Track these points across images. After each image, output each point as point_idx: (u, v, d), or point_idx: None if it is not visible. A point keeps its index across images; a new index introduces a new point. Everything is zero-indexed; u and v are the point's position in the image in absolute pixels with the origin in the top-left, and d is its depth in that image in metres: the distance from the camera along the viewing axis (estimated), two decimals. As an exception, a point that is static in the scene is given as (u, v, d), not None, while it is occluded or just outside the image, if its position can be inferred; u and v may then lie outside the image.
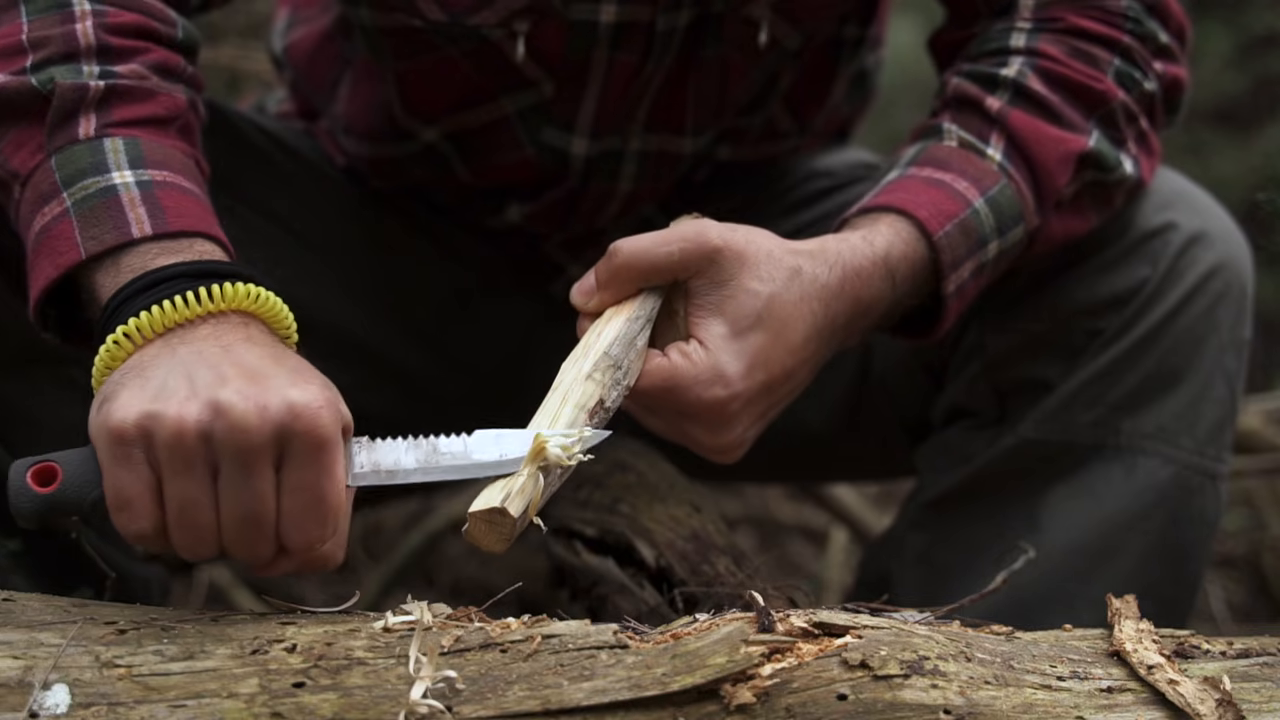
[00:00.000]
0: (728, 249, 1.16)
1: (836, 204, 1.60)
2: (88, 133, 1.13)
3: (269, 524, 0.98)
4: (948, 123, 1.34)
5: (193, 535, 0.98)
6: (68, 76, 1.14)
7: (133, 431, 0.96)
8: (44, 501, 0.99)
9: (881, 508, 2.54)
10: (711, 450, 1.20)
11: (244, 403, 0.95)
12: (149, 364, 1.00)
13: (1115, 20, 1.36)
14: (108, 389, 1.00)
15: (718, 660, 0.93)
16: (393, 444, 1.06)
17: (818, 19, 1.47)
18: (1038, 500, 1.41)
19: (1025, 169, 1.30)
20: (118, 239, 1.07)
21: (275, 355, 1.03)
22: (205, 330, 1.03)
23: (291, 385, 0.98)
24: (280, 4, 1.71)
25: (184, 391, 0.97)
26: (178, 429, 0.95)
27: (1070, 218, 1.34)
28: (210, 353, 1.01)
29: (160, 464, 0.96)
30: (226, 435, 0.95)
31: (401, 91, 1.47)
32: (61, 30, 1.16)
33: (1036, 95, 1.32)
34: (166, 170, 1.13)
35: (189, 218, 1.10)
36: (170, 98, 1.18)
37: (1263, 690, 1.00)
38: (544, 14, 1.35)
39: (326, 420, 0.97)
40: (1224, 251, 1.40)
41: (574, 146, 1.46)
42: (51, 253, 1.09)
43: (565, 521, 1.45)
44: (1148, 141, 1.38)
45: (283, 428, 0.96)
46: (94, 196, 1.09)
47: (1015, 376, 1.43)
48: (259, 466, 0.96)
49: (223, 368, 0.99)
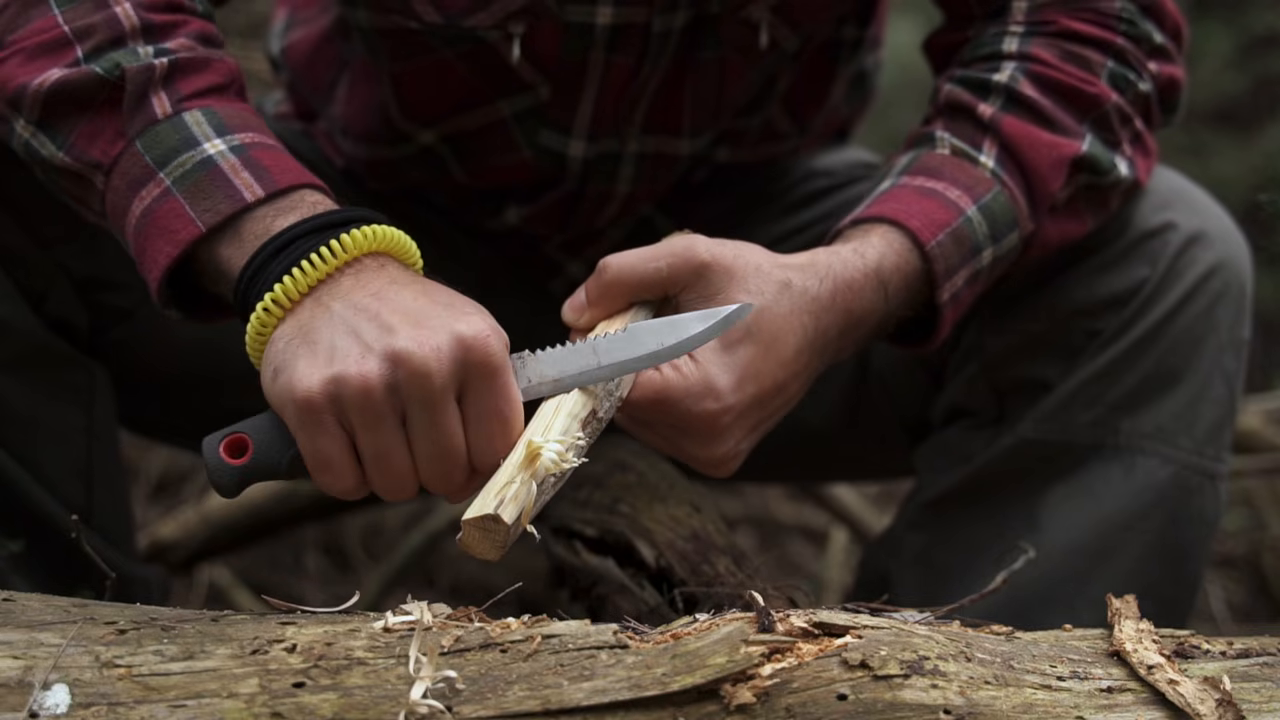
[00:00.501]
0: (716, 264, 1.17)
1: (836, 203, 1.60)
2: (165, 111, 1.14)
3: (462, 454, 1.03)
4: (940, 130, 1.34)
5: (393, 480, 1.03)
6: (130, 60, 1.14)
7: (320, 399, 0.99)
8: (242, 472, 1.04)
9: (881, 508, 2.55)
10: (705, 464, 1.20)
11: (419, 349, 0.99)
12: (309, 325, 1.03)
13: (1108, 22, 1.36)
14: (277, 359, 1.03)
15: (718, 660, 0.93)
16: (553, 352, 1.09)
17: (817, 21, 1.47)
18: (1037, 500, 1.41)
19: (1018, 175, 1.30)
20: (233, 207, 1.09)
21: (425, 291, 1.07)
22: (348, 281, 1.06)
23: (455, 319, 1.02)
24: (278, 5, 1.71)
25: (357, 350, 1.00)
26: (363, 388, 0.99)
27: (1065, 221, 1.34)
28: (365, 303, 1.04)
29: (352, 423, 1.00)
30: (410, 383, 0.99)
31: (398, 94, 1.47)
32: (103, 16, 1.17)
33: (1028, 100, 1.32)
34: (250, 132, 1.15)
35: (291, 173, 1.12)
36: (223, 63, 1.20)
37: (1263, 690, 1.00)
38: (539, 16, 1.35)
39: (496, 346, 1.02)
40: (1223, 251, 1.40)
41: (571, 149, 1.46)
42: (165, 231, 1.10)
43: (565, 521, 1.45)
44: (1143, 142, 1.38)
45: (459, 363, 1.00)
46: (194, 171, 1.10)
47: (1014, 376, 1.43)
48: (445, 404, 1.01)
49: (384, 316, 1.02)
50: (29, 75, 1.15)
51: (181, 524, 2.21)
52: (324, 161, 1.61)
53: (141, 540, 2.13)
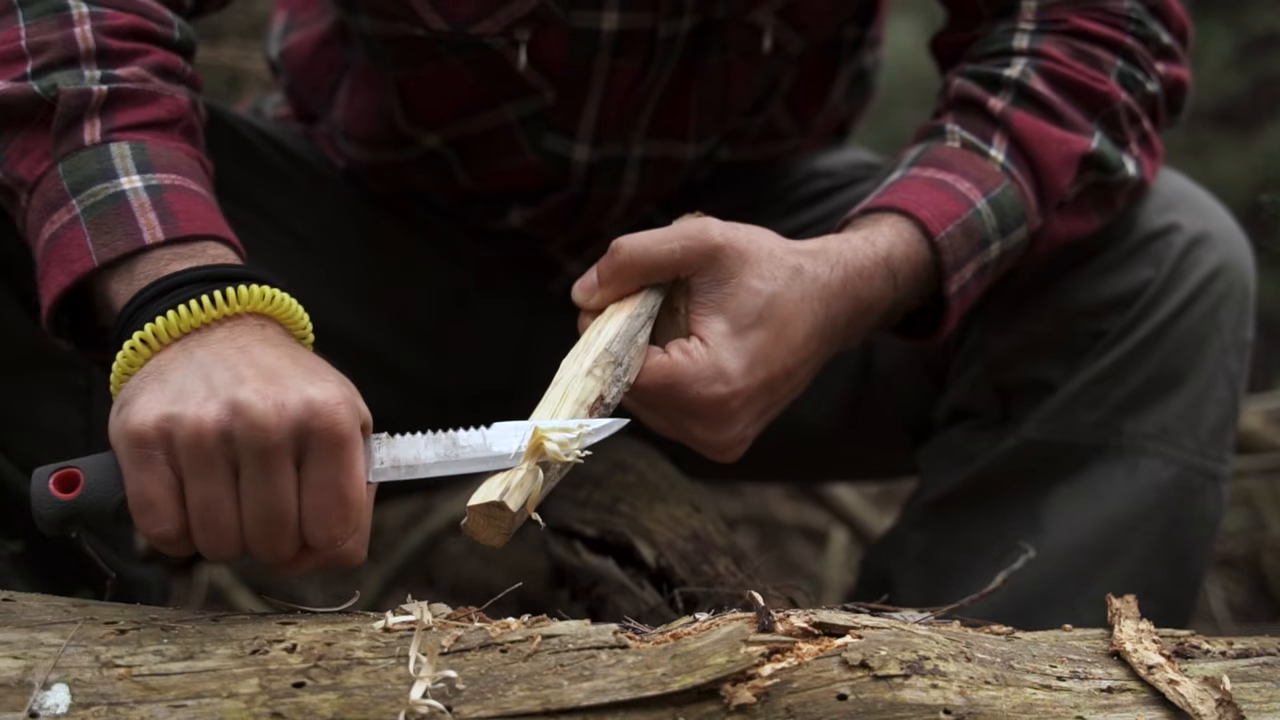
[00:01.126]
0: (730, 247, 1.16)
1: (837, 204, 1.60)
2: (93, 138, 1.13)
3: (291, 522, 0.98)
4: (950, 123, 1.34)
5: (215, 535, 0.98)
6: (70, 82, 1.14)
7: (152, 433, 0.96)
8: (67, 508, 0.99)
9: (881, 508, 2.55)
10: (712, 448, 1.20)
11: (262, 401, 0.96)
12: (167, 367, 1.01)
13: (1118, 22, 1.36)
14: (127, 393, 1.00)
15: (718, 660, 0.93)
16: (412, 439, 1.06)
17: (820, 24, 1.47)
18: (1039, 501, 1.41)
19: (1028, 170, 1.30)
20: (130, 245, 1.07)
21: (292, 355, 1.04)
22: (221, 333, 1.03)
23: (309, 383, 0.99)
24: (277, 7, 1.70)
25: (202, 392, 0.97)
26: (196, 429, 0.96)
27: (1073, 218, 1.34)
28: (227, 354, 1.01)
29: (181, 465, 0.97)
30: (246, 434, 0.96)
31: (403, 99, 1.47)
32: (60, 35, 1.16)
33: (1039, 96, 1.32)
34: (174, 174, 1.13)
35: (199, 221, 1.10)
36: (173, 99, 1.18)
37: (1263, 690, 1.00)
38: (546, 22, 1.35)
39: (345, 416, 0.98)
40: (1226, 253, 1.40)
41: (576, 153, 1.46)
42: (63, 260, 1.09)
43: (565, 521, 1.45)
44: (1150, 143, 1.38)
45: (301, 425, 0.97)
46: (104, 203, 1.09)
47: (1018, 377, 1.43)
48: (279, 464, 0.97)
49: (240, 368, 0.99)
50: None
51: (181, 524, 2.21)
52: (325, 163, 1.61)
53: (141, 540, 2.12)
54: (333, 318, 1.54)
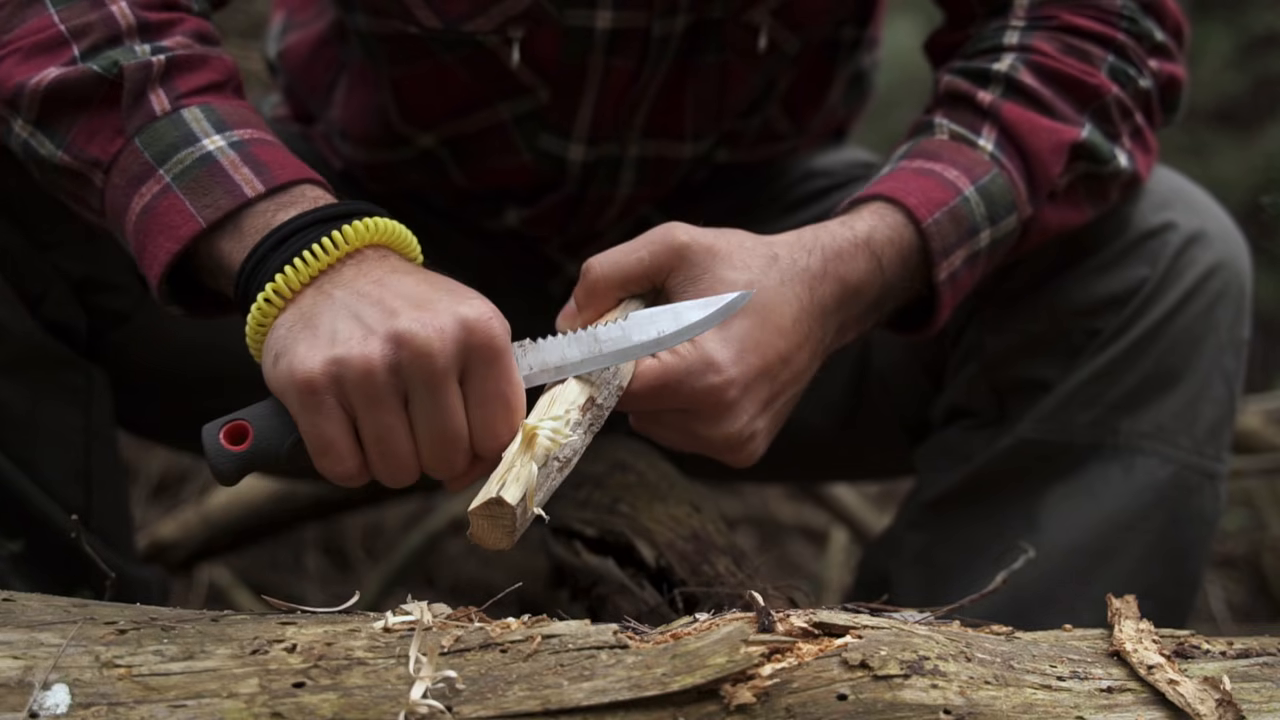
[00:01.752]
0: (696, 244, 1.17)
1: (835, 203, 1.60)
2: (164, 108, 1.14)
3: (464, 436, 1.02)
4: (939, 117, 1.34)
5: (395, 463, 1.02)
6: (127, 57, 1.14)
7: (321, 380, 0.99)
8: (241, 459, 1.03)
9: (881, 508, 2.55)
10: (723, 446, 1.19)
11: (422, 329, 0.99)
12: (311, 312, 1.03)
13: (1110, 19, 1.36)
14: (278, 344, 1.03)
15: (718, 660, 0.93)
16: (555, 341, 1.10)
17: (816, 23, 1.47)
18: (1037, 500, 1.41)
19: (1018, 158, 1.30)
20: (233, 203, 1.09)
21: (427, 278, 1.07)
22: (349, 271, 1.06)
23: (458, 303, 1.02)
24: (275, 8, 1.70)
25: (359, 332, 1.00)
26: (365, 368, 0.99)
27: (1064, 209, 1.34)
28: (367, 289, 1.04)
29: (354, 404, 1.00)
30: (414, 363, 0.99)
31: (398, 98, 1.47)
32: (99, 15, 1.17)
33: (1028, 88, 1.32)
34: (249, 128, 1.15)
35: (291, 168, 1.12)
36: (220, 60, 1.20)
37: (1263, 690, 1.00)
38: (539, 21, 1.35)
39: (499, 329, 1.02)
40: (1222, 251, 1.41)
41: (571, 153, 1.46)
42: (165, 228, 1.10)
43: (565, 521, 1.45)
44: (1143, 137, 1.38)
45: (462, 344, 1.00)
46: (194, 167, 1.11)
47: (1014, 376, 1.43)
48: (448, 385, 1.01)
49: (386, 300, 1.02)
50: (26, 74, 1.15)
51: (181, 524, 2.21)
52: (322, 164, 1.61)
53: (141, 540, 2.13)
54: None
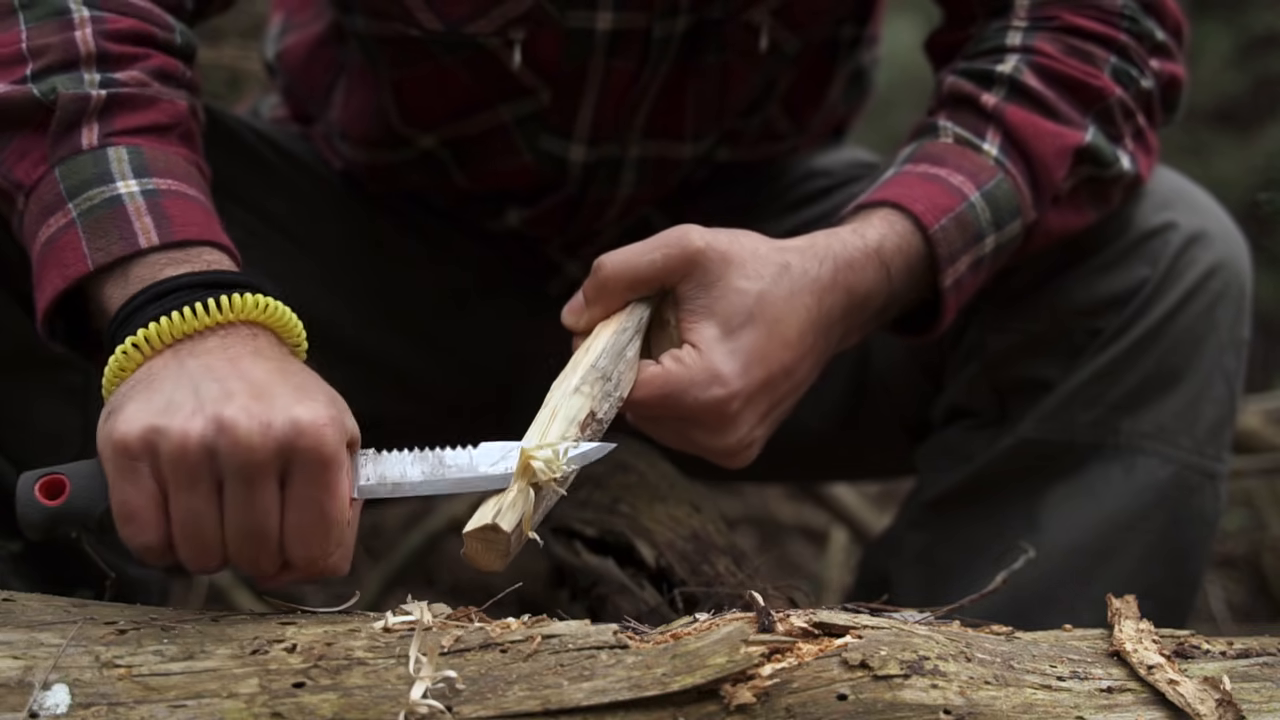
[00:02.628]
0: (711, 250, 1.16)
1: (835, 202, 1.60)
2: (91, 142, 1.13)
3: (273, 538, 0.98)
4: (943, 120, 1.34)
5: (198, 548, 0.98)
6: (69, 86, 1.13)
7: (137, 445, 0.96)
8: (52, 514, 1.00)
9: (881, 508, 2.54)
10: (720, 454, 1.20)
11: (248, 420, 0.96)
12: (157, 375, 1.01)
13: (1111, 19, 1.36)
14: (115, 401, 1.00)
15: (718, 660, 0.93)
16: (399, 456, 1.06)
17: (817, 23, 1.47)
18: (1037, 500, 1.41)
19: (1022, 163, 1.30)
20: (125, 249, 1.07)
21: (283, 369, 1.03)
22: (213, 342, 1.03)
23: (297, 402, 0.98)
24: (274, 9, 1.70)
25: (190, 406, 0.97)
26: (181, 444, 0.95)
27: (1067, 213, 1.34)
28: (217, 365, 1.01)
29: (166, 479, 0.97)
30: (230, 451, 0.95)
31: (398, 99, 1.47)
32: (61, 38, 1.16)
33: (1032, 91, 1.32)
34: (171, 178, 1.13)
35: (195, 226, 1.10)
36: (171, 104, 1.18)
37: (1263, 690, 1.00)
38: (540, 22, 1.35)
39: (330, 438, 0.97)
40: (1223, 251, 1.40)
41: (572, 154, 1.46)
42: (59, 264, 1.09)
43: (565, 521, 1.45)
44: (1145, 139, 1.38)
45: (286, 445, 0.96)
46: (100, 207, 1.09)
47: (1015, 376, 1.43)
48: (262, 482, 0.96)
49: (229, 382, 0.99)
50: None
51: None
52: (322, 164, 1.61)
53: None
54: (330, 319, 1.54)
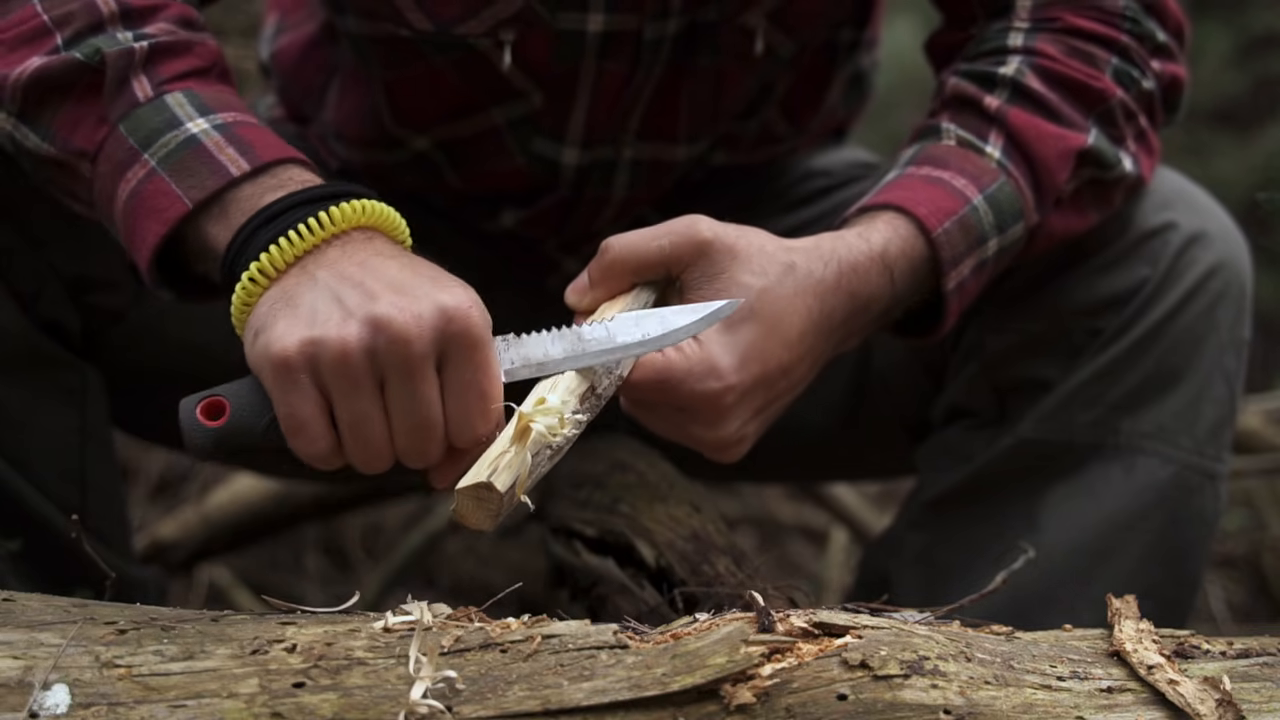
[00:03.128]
0: (718, 242, 1.17)
1: (835, 203, 1.60)
2: (146, 94, 1.14)
3: (439, 426, 1.01)
4: (946, 122, 1.34)
5: (368, 448, 1.01)
6: (109, 44, 1.14)
7: (297, 359, 0.98)
8: (217, 434, 1.02)
9: (881, 508, 2.55)
10: (711, 446, 1.20)
11: (400, 314, 0.98)
12: (293, 291, 1.03)
13: (1113, 20, 1.36)
14: (259, 321, 1.02)
15: (718, 660, 0.93)
16: (539, 337, 1.09)
17: (812, 27, 1.47)
18: (1037, 500, 1.41)
19: (1025, 166, 1.30)
20: (219, 182, 1.09)
21: (411, 264, 1.06)
22: (334, 252, 1.05)
23: (438, 290, 1.01)
24: (268, 10, 1.70)
25: (338, 313, 1.00)
26: (341, 350, 0.98)
27: (1070, 215, 1.34)
28: (349, 271, 1.03)
29: (328, 386, 0.99)
30: (389, 348, 0.98)
31: (390, 100, 1.47)
32: (81, 3, 1.16)
33: (1035, 93, 1.32)
34: (233, 111, 1.15)
35: (275, 148, 1.12)
36: (204, 46, 1.20)
37: (1263, 690, 1.00)
38: (530, 23, 1.35)
39: (479, 319, 1.01)
40: (1223, 251, 1.41)
41: (565, 156, 1.46)
42: (153, 210, 1.10)
43: (565, 521, 1.45)
44: (1147, 140, 1.38)
45: (440, 332, 0.99)
46: (178, 150, 1.10)
47: (1015, 376, 1.43)
48: (424, 373, 1.00)
49: (367, 284, 1.01)
50: (9, 66, 1.15)
51: (181, 524, 2.21)
52: (319, 163, 1.61)
53: (141, 540, 2.13)
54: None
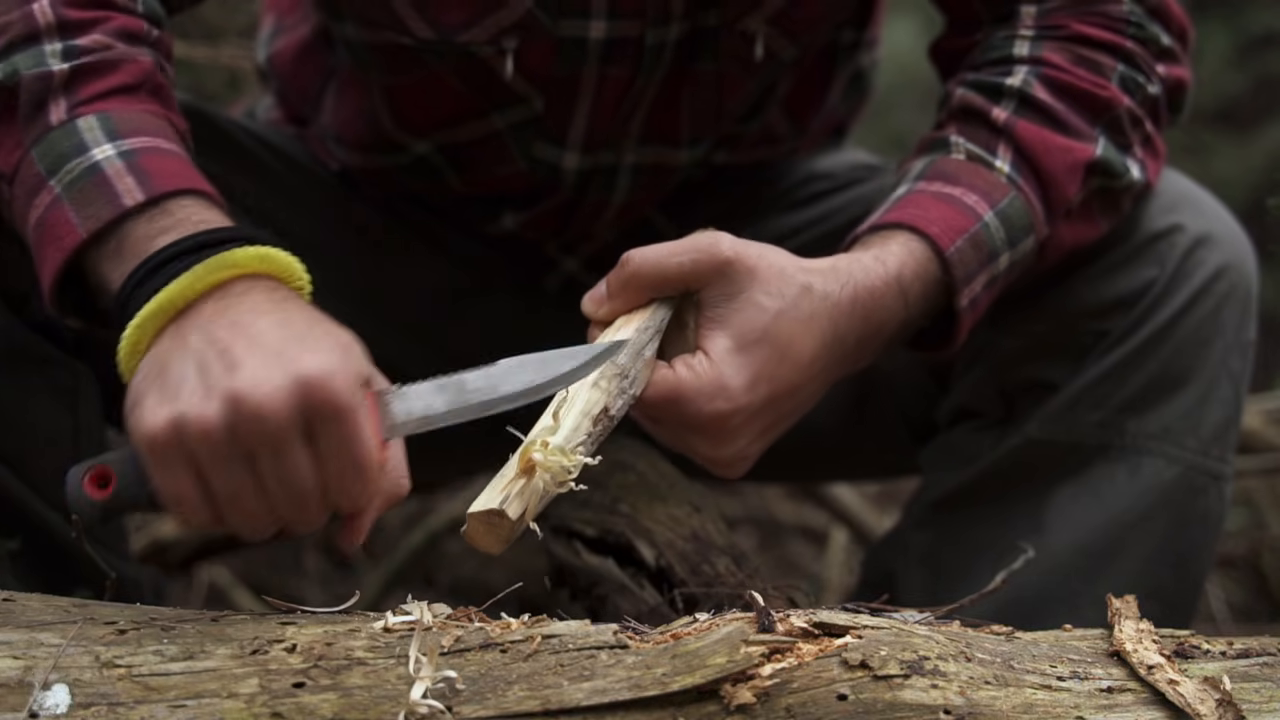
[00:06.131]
0: (739, 262, 1.16)
1: (835, 204, 1.60)
2: (60, 118, 1.13)
3: (314, 493, 0.99)
4: (954, 135, 1.33)
5: (246, 519, 1.00)
6: (30, 64, 1.14)
7: (164, 437, 0.97)
8: (103, 505, 1.02)
9: (881, 508, 2.55)
10: (714, 463, 1.20)
11: (255, 391, 0.96)
12: (164, 358, 1.01)
13: (1117, 26, 1.35)
14: (134, 392, 1.01)
15: (718, 660, 0.93)
16: (420, 388, 1.07)
17: (814, 30, 1.47)
18: (1043, 501, 1.41)
19: (1034, 179, 1.30)
20: (113, 212, 1.08)
21: (283, 320, 1.02)
22: (209, 308, 1.03)
23: (301, 354, 0.98)
24: (265, 11, 1.70)
25: (200, 388, 0.97)
26: (202, 430, 0.96)
27: (1080, 225, 1.34)
28: (218, 335, 1.00)
29: (199, 462, 0.98)
30: (249, 426, 0.96)
31: (391, 106, 1.46)
32: (20, 13, 1.16)
33: (1042, 104, 1.32)
34: (143, 136, 1.13)
35: (175, 177, 1.10)
36: (135, 63, 1.18)
37: (1263, 690, 1.00)
38: (532, 31, 1.34)
39: (340, 387, 0.98)
40: (1229, 253, 1.40)
41: (566, 161, 1.46)
42: (53, 239, 1.09)
43: (565, 521, 1.45)
44: (1153, 144, 1.38)
45: (301, 402, 0.96)
46: (81, 177, 1.10)
47: (1021, 377, 1.43)
48: (288, 445, 0.97)
49: (233, 350, 0.99)
50: None
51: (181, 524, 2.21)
52: (318, 165, 1.61)
53: (141, 540, 2.12)
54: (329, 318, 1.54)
